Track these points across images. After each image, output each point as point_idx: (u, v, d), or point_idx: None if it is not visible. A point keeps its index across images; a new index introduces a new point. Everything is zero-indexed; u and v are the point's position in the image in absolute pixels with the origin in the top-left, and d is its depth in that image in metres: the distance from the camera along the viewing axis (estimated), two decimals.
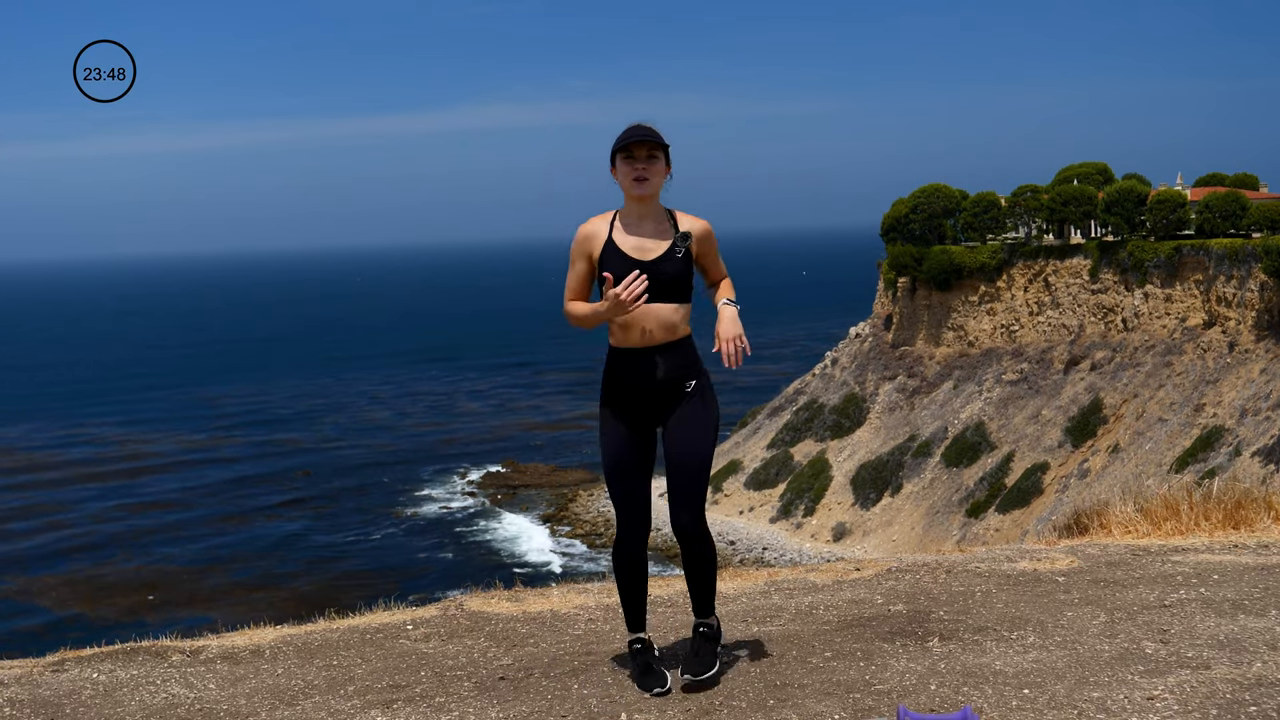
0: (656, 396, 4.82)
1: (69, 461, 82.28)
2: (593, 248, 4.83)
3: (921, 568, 6.81)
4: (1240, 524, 7.72)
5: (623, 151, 4.75)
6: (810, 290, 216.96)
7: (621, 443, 4.85)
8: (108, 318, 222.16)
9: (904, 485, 62.20)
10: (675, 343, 4.81)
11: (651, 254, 4.77)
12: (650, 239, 4.80)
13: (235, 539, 63.08)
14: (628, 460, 4.85)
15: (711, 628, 5.04)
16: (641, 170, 4.74)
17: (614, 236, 4.81)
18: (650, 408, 4.84)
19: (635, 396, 4.82)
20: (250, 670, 5.46)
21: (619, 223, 4.84)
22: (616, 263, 4.75)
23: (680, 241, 4.79)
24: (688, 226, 4.85)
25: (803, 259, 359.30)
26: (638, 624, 5.02)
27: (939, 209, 67.68)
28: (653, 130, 4.75)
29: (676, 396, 4.83)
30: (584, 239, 4.84)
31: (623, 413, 4.85)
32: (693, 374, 4.85)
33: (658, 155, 4.77)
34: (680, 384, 4.82)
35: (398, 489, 73.67)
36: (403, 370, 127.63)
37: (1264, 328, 53.90)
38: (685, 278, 4.80)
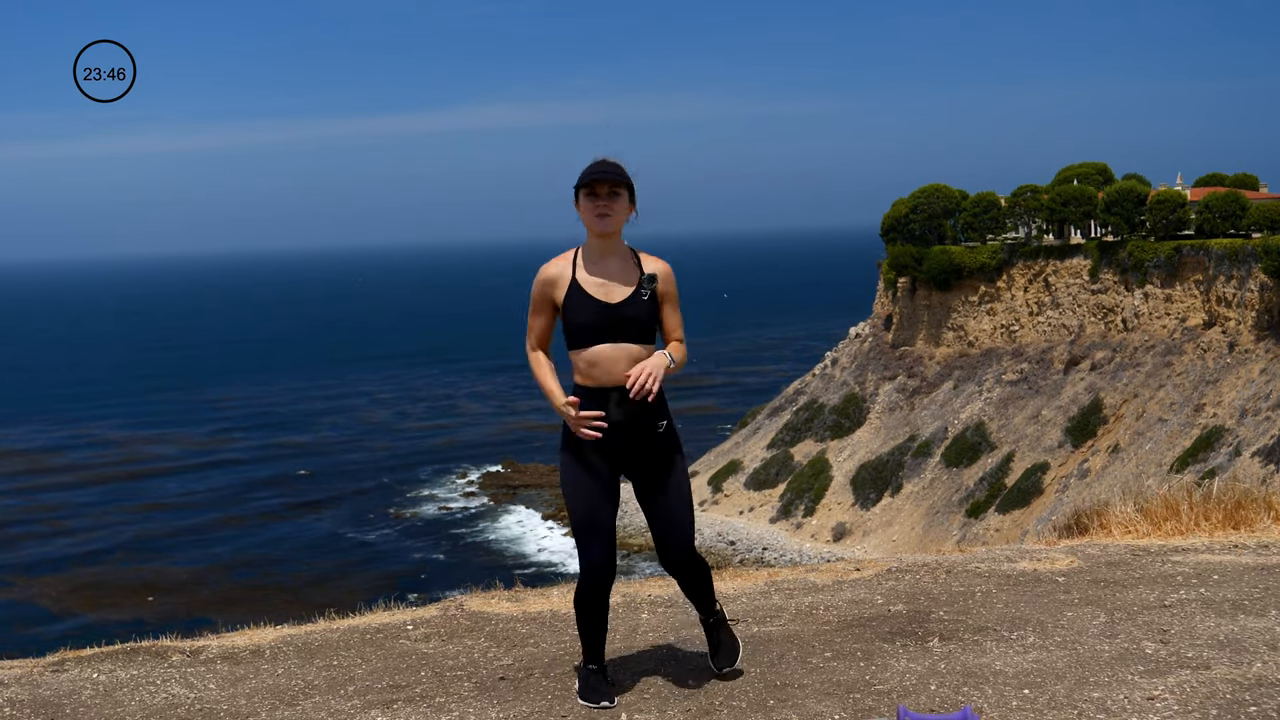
0: (621, 438, 4.72)
1: (69, 462, 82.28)
2: (556, 291, 4.75)
3: (921, 568, 6.81)
4: (1240, 524, 7.72)
5: (585, 188, 4.69)
6: (810, 290, 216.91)
7: (590, 487, 4.75)
8: (108, 318, 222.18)
9: (904, 485, 62.20)
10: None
11: (616, 296, 4.70)
12: (615, 278, 4.73)
13: (236, 539, 63.09)
14: (595, 507, 4.75)
15: (718, 615, 5.09)
16: (603, 207, 4.66)
17: (578, 276, 4.74)
18: (618, 448, 4.75)
19: (601, 440, 4.71)
20: (250, 670, 5.46)
21: (581, 261, 4.77)
22: (584, 306, 4.67)
23: (646, 284, 4.72)
24: (652, 268, 4.77)
25: (803, 259, 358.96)
26: (597, 658, 4.96)
27: (939, 209, 67.67)
28: (617, 166, 4.70)
29: (645, 438, 4.75)
30: (546, 283, 4.78)
31: (589, 454, 4.75)
32: (662, 414, 4.78)
33: (620, 192, 4.69)
34: (648, 424, 4.74)
35: (398, 489, 73.68)
36: (403, 370, 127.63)
37: (1264, 328, 53.89)
38: (652, 321, 4.74)
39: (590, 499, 4.75)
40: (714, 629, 5.08)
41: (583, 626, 4.93)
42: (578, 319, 4.69)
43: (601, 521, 4.76)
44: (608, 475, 4.77)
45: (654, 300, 4.74)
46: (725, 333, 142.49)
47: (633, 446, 4.75)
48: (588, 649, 4.96)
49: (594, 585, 4.82)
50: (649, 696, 4.88)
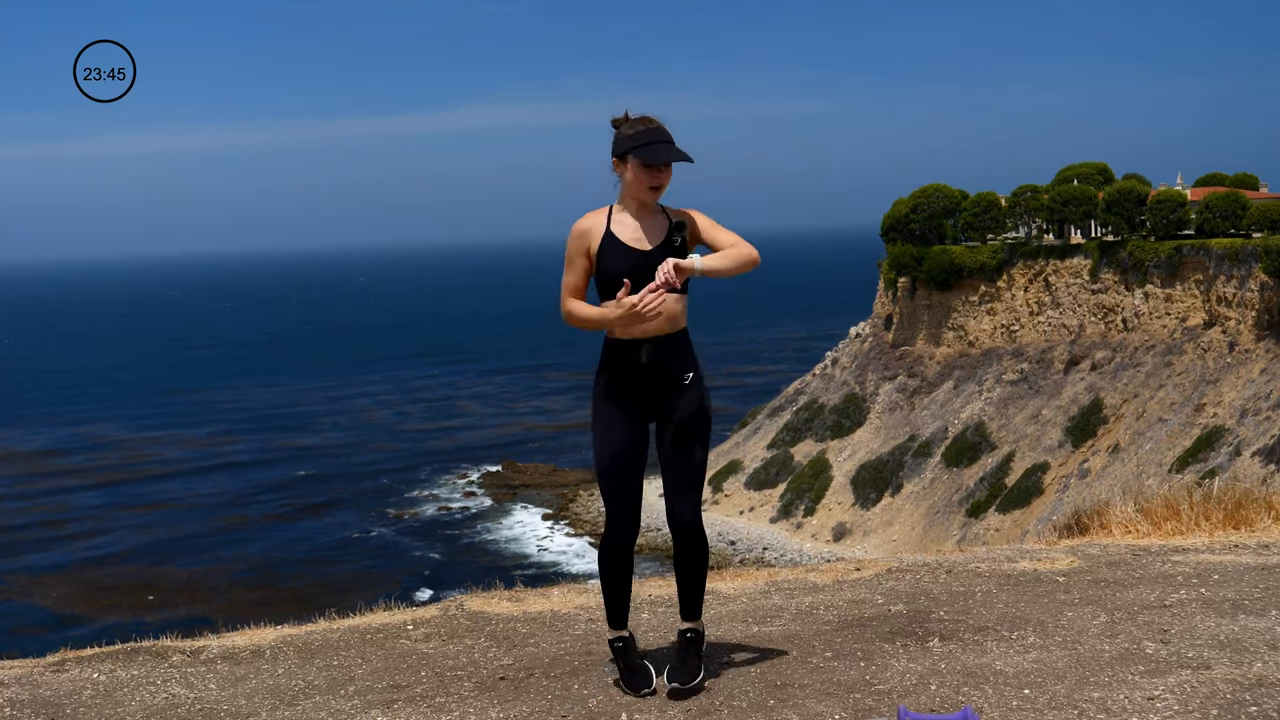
0: (653, 388, 4.79)
1: (70, 463, 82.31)
2: (591, 241, 4.81)
3: (921, 568, 6.81)
4: (1240, 524, 7.72)
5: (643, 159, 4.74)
6: (810, 290, 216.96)
7: (617, 436, 4.81)
8: (108, 318, 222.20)
9: (904, 485, 62.21)
10: (673, 334, 4.80)
11: (650, 244, 4.78)
12: (648, 230, 4.81)
13: (236, 540, 63.10)
14: (623, 454, 4.81)
15: (698, 633, 5.01)
16: (660, 179, 4.77)
17: (612, 229, 4.80)
18: (647, 400, 4.81)
19: (633, 388, 4.79)
20: (250, 670, 5.46)
21: (615, 216, 4.84)
22: (618, 254, 4.74)
23: (676, 230, 4.80)
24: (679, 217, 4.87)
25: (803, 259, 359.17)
26: (621, 621, 4.99)
27: (939, 209, 67.68)
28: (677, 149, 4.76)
29: (673, 389, 4.81)
30: (581, 234, 4.82)
31: (619, 405, 4.81)
32: (690, 366, 4.84)
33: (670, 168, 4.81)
34: (677, 376, 4.81)
35: (398, 489, 73.70)
36: (403, 370, 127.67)
37: (1264, 328, 53.90)
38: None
39: (617, 452, 4.81)
40: (688, 643, 4.98)
41: (606, 585, 4.95)
42: (612, 267, 4.73)
43: (627, 477, 4.81)
44: (636, 426, 4.83)
45: (685, 248, 4.81)
46: (725, 333, 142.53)
47: (660, 397, 4.81)
48: (610, 613, 4.98)
49: (618, 538, 4.86)
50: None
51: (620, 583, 4.94)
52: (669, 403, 4.82)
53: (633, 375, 4.78)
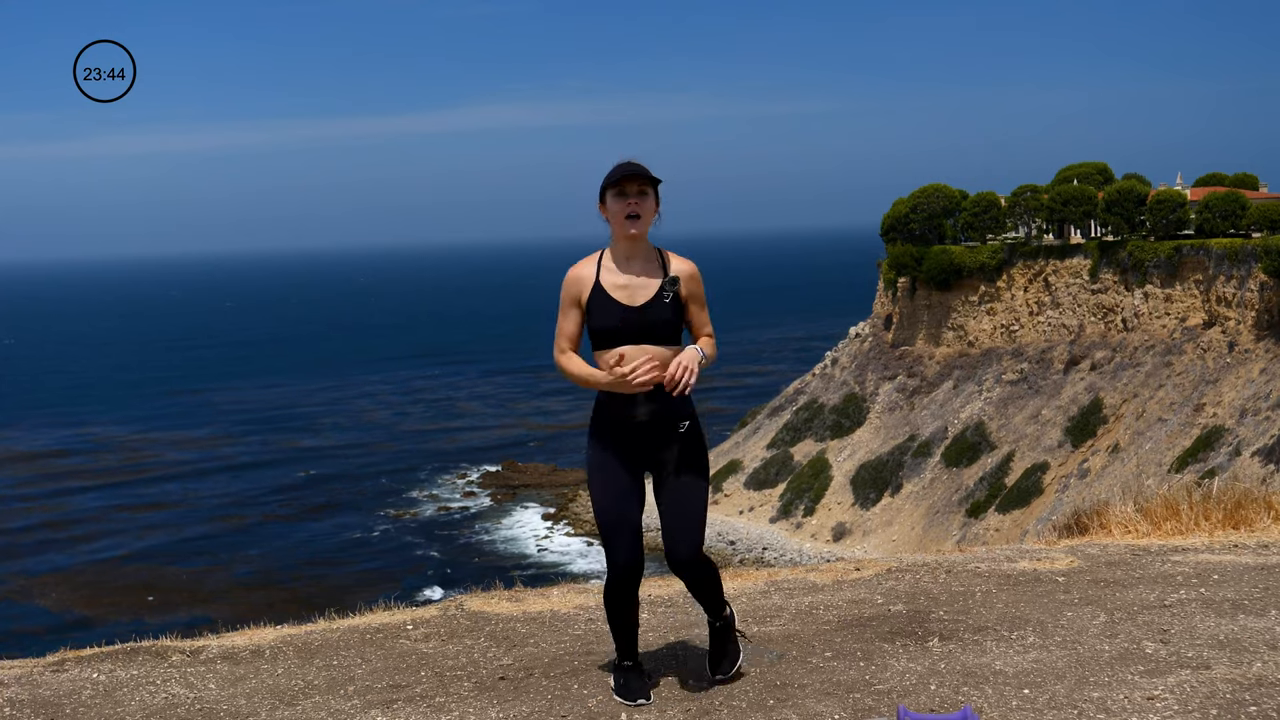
0: (648, 437, 4.75)
1: (70, 461, 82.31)
2: (581, 291, 4.77)
3: (921, 568, 6.81)
4: (1240, 524, 7.72)
5: (614, 188, 4.69)
6: (810, 290, 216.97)
7: (614, 484, 4.76)
8: (108, 318, 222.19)
9: (904, 485, 62.20)
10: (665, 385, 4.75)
11: (639, 298, 4.70)
12: (638, 280, 4.73)
13: (236, 539, 63.09)
14: (622, 502, 4.76)
15: (726, 619, 5.03)
16: (633, 206, 4.67)
17: (601, 278, 4.74)
18: (642, 449, 4.77)
19: (627, 437, 4.75)
20: (250, 670, 5.46)
21: (606, 263, 4.78)
22: (607, 309, 4.69)
23: (668, 286, 4.72)
24: (676, 268, 4.78)
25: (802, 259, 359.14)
26: (630, 654, 4.96)
27: (939, 209, 67.67)
28: (643, 167, 4.71)
29: (668, 438, 4.77)
30: (572, 283, 4.79)
31: (614, 454, 4.77)
32: (685, 414, 4.79)
33: (648, 192, 4.71)
34: (672, 425, 4.76)
35: (398, 489, 73.70)
36: (403, 370, 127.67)
37: (1264, 328, 53.89)
38: (677, 323, 4.75)
39: (616, 496, 4.76)
40: (719, 634, 5.02)
41: (614, 624, 4.92)
42: (600, 322, 4.70)
43: (628, 519, 4.76)
44: (634, 472, 4.79)
45: (677, 302, 4.74)
46: (725, 333, 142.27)
47: (656, 444, 4.77)
48: (620, 646, 4.95)
49: (622, 583, 4.81)
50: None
51: (628, 622, 4.91)
52: (666, 451, 4.78)
53: (628, 426, 4.74)
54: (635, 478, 4.79)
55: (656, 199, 4.75)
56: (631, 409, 4.71)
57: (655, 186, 4.74)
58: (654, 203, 4.73)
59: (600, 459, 4.79)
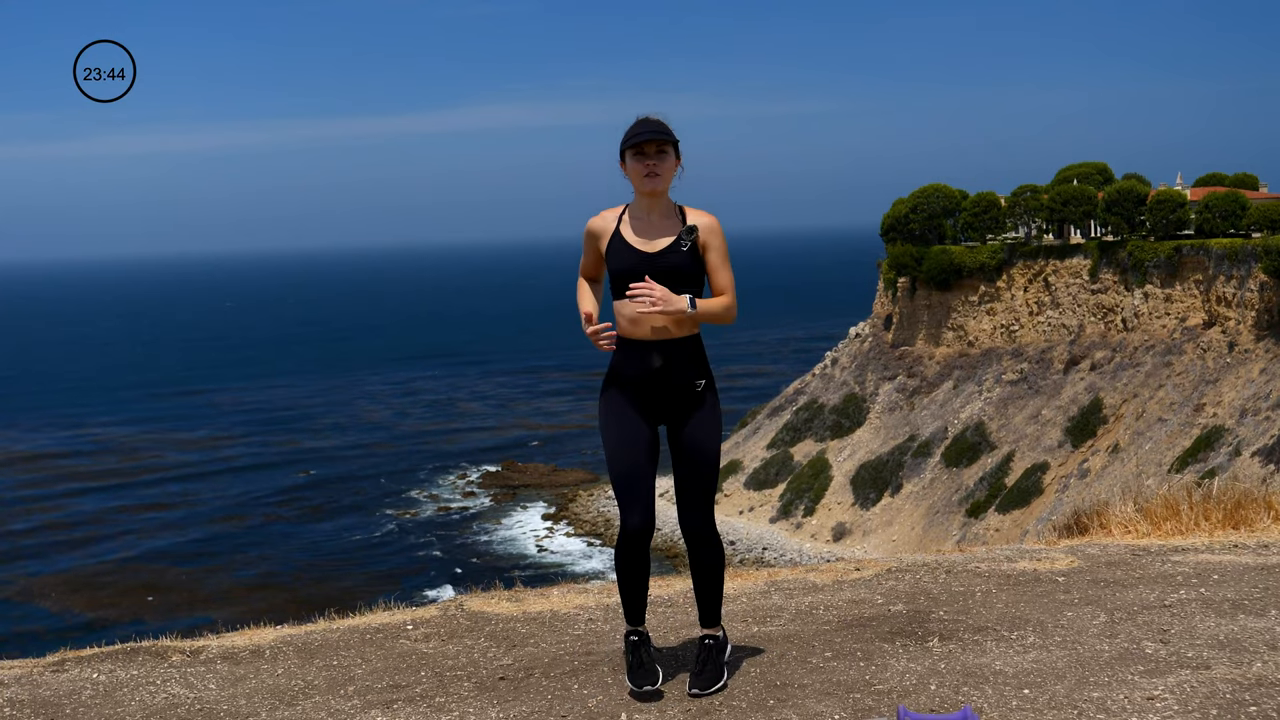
0: (662, 392, 4.78)
1: (69, 461, 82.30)
2: (600, 240, 4.89)
3: (921, 568, 6.81)
4: (1240, 524, 7.72)
5: (632, 147, 4.76)
6: (810, 290, 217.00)
7: (626, 436, 4.80)
8: (108, 318, 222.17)
9: (904, 485, 62.20)
10: (685, 339, 4.77)
11: (657, 247, 4.77)
12: (658, 233, 4.81)
13: (235, 539, 63.08)
14: (633, 453, 4.79)
15: (718, 640, 4.98)
16: (652, 165, 4.74)
17: (621, 229, 4.84)
18: (655, 403, 4.81)
19: (641, 390, 4.79)
20: (250, 670, 5.46)
21: (628, 216, 4.87)
22: (622, 253, 4.78)
23: (685, 235, 4.77)
24: (695, 221, 4.83)
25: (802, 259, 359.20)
26: (637, 618, 4.98)
27: (939, 209, 67.67)
28: (662, 124, 4.77)
29: (683, 394, 4.80)
30: (591, 232, 4.92)
31: (628, 406, 4.81)
32: (702, 373, 4.83)
33: (667, 150, 4.77)
34: (688, 381, 4.79)
35: (398, 489, 73.69)
36: (403, 370, 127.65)
37: (1264, 328, 53.90)
38: (696, 273, 4.77)
39: (627, 453, 4.79)
40: (706, 650, 4.95)
41: (622, 584, 4.93)
42: (618, 265, 4.77)
43: (639, 477, 4.79)
44: (646, 428, 4.82)
45: (695, 252, 4.78)
46: (725, 333, 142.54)
47: (670, 401, 4.81)
48: (627, 608, 4.97)
49: (632, 540, 4.82)
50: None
51: (636, 581, 4.92)
52: (680, 409, 4.82)
53: (643, 378, 4.78)
54: (648, 435, 4.82)
55: (677, 155, 4.82)
56: (646, 361, 4.75)
57: (674, 144, 4.80)
58: (673, 159, 4.80)
59: (613, 410, 4.83)
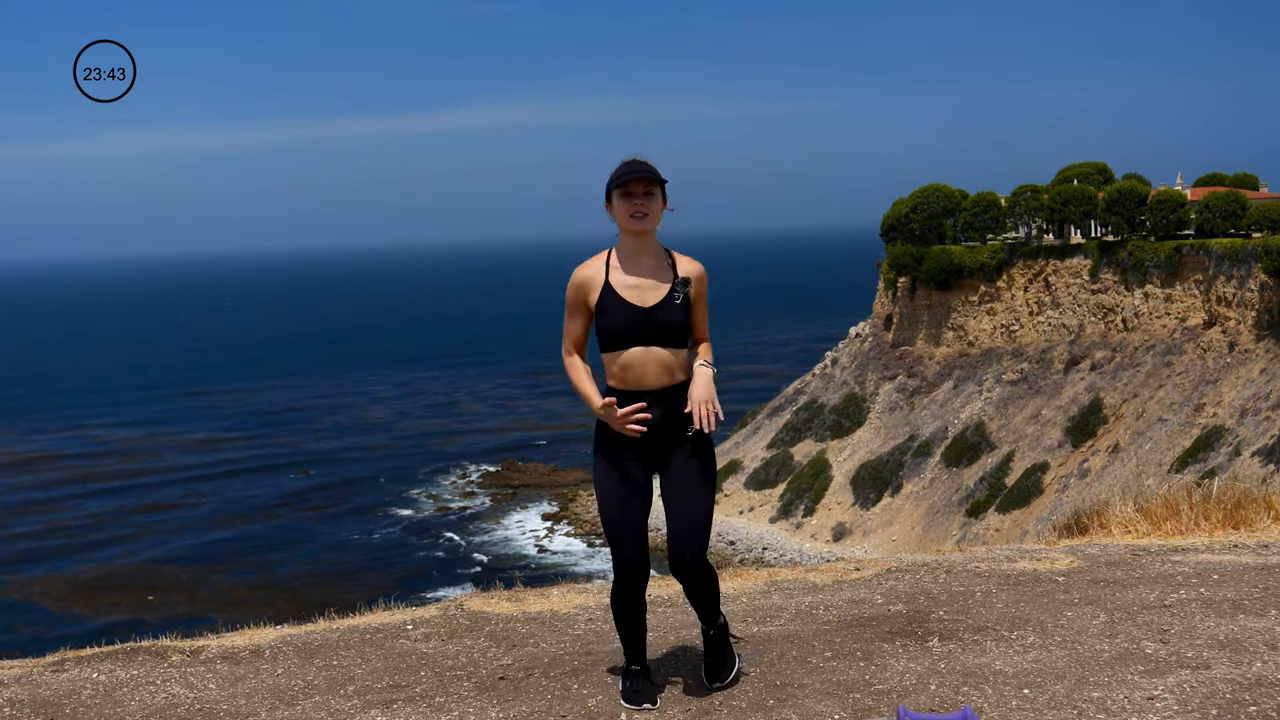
0: (654, 440, 4.72)
1: (69, 461, 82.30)
2: (589, 292, 4.73)
3: (921, 568, 6.81)
4: (1240, 524, 7.72)
5: (620, 188, 4.66)
6: (810, 290, 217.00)
7: (619, 488, 4.73)
8: (108, 318, 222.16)
9: (904, 485, 62.20)
10: (673, 387, 4.70)
11: (650, 299, 4.68)
12: (648, 280, 4.71)
13: (235, 539, 63.09)
14: (627, 506, 4.73)
15: (720, 626, 4.99)
16: (639, 206, 4.64)
17: (611, 278, 4.71)
18: (649, 450, 4.74)
19: (632, 439, 4.71)
20: (250, 670, 5.46)
21: (615, 262, 4.74)
22: (617, 310, 4.66)
23: (680, 287, 4.70)
24: (685, 270, 4.75)
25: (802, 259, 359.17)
26: (638, 658, 4.93)
27: (939, 209, 67.66)
28: (649, 166, 4.68)
29: (675, 440, 4.74)
30: (580, 284, 4.74)
31: (620, 456, 4.74)
32: (690, 418, 4.73)
33: (654, 191, 4.67)
34: (680, 428, 4.73)
35: (398, 489, 73.68)
36: (403, 370, 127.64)
37: (1264, 328, 53.89)
38: (686, 324, 4.72)
39: (622, 501, 4.73)
40: (713, 642, 4.98)
41: (621, 628, 4.89)
42: (611, 323, 4.66)
43: (633, 522, 4.73)
44: (640, 476, 4.76)
45: (686, 304, 4.72)
46: (725, 333, 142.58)
47: (664, 446, 4.75)
48: (627, 650, 4.92)
49: (627, 586, 4.77)
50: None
51: (636, 624, 4.87)
52: (673, 453, 4.76)
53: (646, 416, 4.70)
54: (642, 480, 4.77)
55: (664, 197, 4.72)
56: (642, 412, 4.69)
57: (662, 185, 4.71)
58: (661, 201, 4.70)
59: (607, 462, 4.76)
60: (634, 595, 4.79)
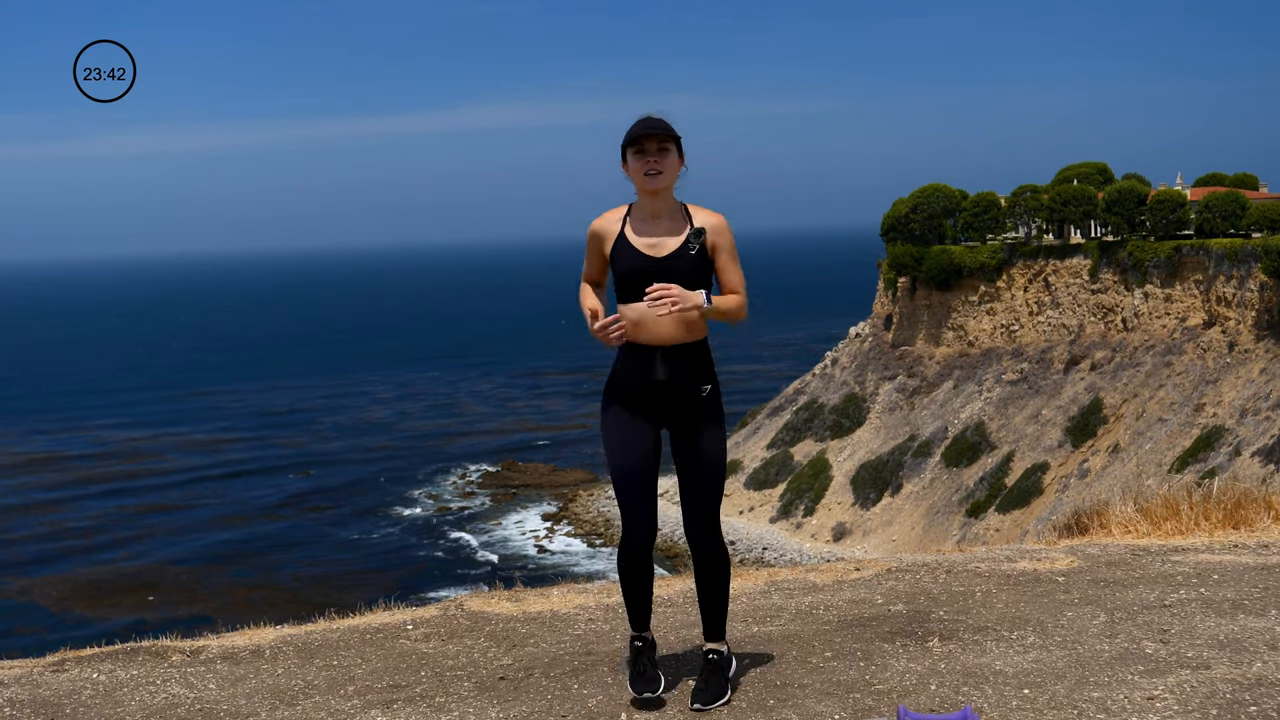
0: (666, 397, 4.67)
1: (69, 462, 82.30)
2: (604, 243, 4.74)
3: (921, 568, 6.81)
4: (1240, 524, 7.72)
5: (633, 145, 4.62)
6: (810, 290, 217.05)
7: (629, 442, 4.68)
8: (108, 318, 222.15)
9: (904, 485, 62.21)
10: (690, 344, 4.66)
11: (664, 250, 4.64)
12: (663, 234, 4.67)
13: (235, 539, 63.08)
14: (636, 460, 4.68)
15: (722, 655, 4.83)
16: (653, 164, 4.60)
17: (626, 231, 4.69)
18: (659, 408, 4.69)
19: (645, 395, 4.68)
20: (250, 670, 5.46)
21: (631, 217, 4.73)
22: (630, 257, 4.64)
23: (694, 238, 4.65)
24: (702, 221, 4.70)
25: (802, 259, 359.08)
26: (642, 624, 4.89)
27: (939, 209, 67.68)
28: (663, 122, 4.63)
29: (688, 400, 4.68)
30: (595, 235, 4.76)
31: (630, 411, 4.70)
32: (707, 378, 4.71)
33: (669, 148, 4.63)
34: (692, 386, 4.68)
35: (398, 489, 73.69)
36: (403, 370, 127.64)
37: (1264, 328, 53.90)
38: (704, 275, 4.65)
39: (630, 460, 4.68)
40: (712, 667, 4.81)
41: (626, 590, 4.84)
42: (624, 269, 4.64)
43: (641, 483, 4.69)
44: (649, 434, 4.71)
45: (703, 254, 4.66)
46: (725, 332, 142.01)
47: (674, 407, 4.70)
48: (631, 614, 4.88)
49: (634, 546, 4.73)
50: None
51: (641, 588, 4.82)
52: (684, 415, 4.70)
53: (646, 383, 4.67)
54: (650, 440, 4.71)
55: (680, 153, 4.68)
56: (650, 368, 4.64)
57: (677, 141, 4.66)
58: (676, 158, 4.66)
59: (615, 421, 4.72)
60: (643, 558, 4.75)
